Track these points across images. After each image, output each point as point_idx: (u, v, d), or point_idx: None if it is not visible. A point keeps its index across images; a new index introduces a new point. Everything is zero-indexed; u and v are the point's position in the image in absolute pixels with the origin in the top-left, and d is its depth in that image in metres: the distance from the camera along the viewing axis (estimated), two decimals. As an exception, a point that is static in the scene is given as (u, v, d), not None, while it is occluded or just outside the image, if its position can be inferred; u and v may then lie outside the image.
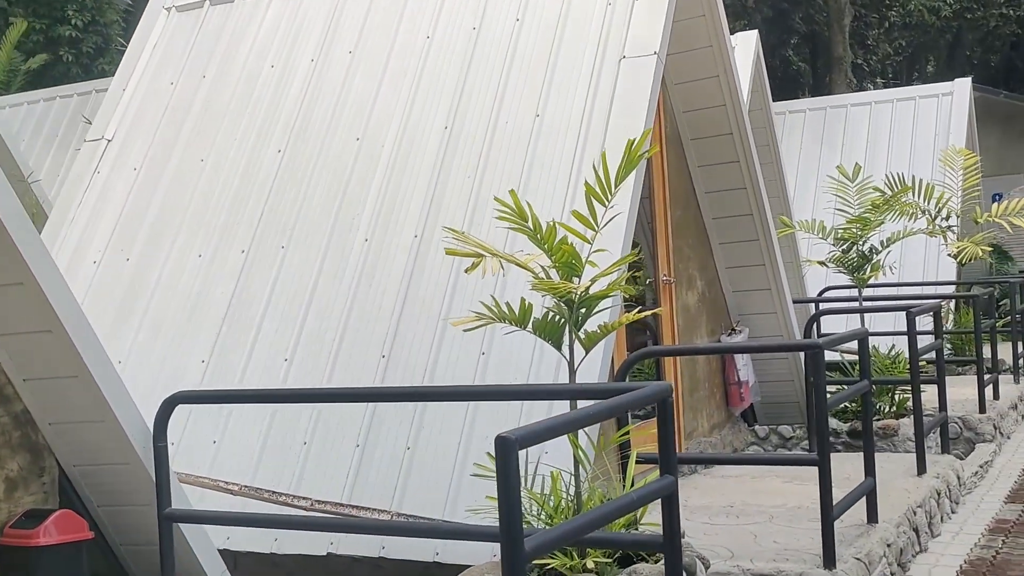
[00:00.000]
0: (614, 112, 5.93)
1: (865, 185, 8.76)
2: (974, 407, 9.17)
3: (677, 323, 7.29)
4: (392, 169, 6.39)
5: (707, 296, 7.84)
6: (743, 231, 7.83)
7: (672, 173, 7.38)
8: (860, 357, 5.61)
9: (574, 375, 4.21)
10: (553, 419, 2.59)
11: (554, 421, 2.56)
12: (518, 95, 6.32)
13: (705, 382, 7.71)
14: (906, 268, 14.08)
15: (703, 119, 7.50)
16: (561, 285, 3.99)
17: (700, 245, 7.80)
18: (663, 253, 7.17)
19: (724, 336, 7.99)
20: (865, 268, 8.59)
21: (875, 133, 15.25)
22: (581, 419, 2.66)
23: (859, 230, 8.57)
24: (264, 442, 5.68)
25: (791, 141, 15.69)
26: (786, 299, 7.96)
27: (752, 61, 11.15)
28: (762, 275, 7.95)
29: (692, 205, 7.71)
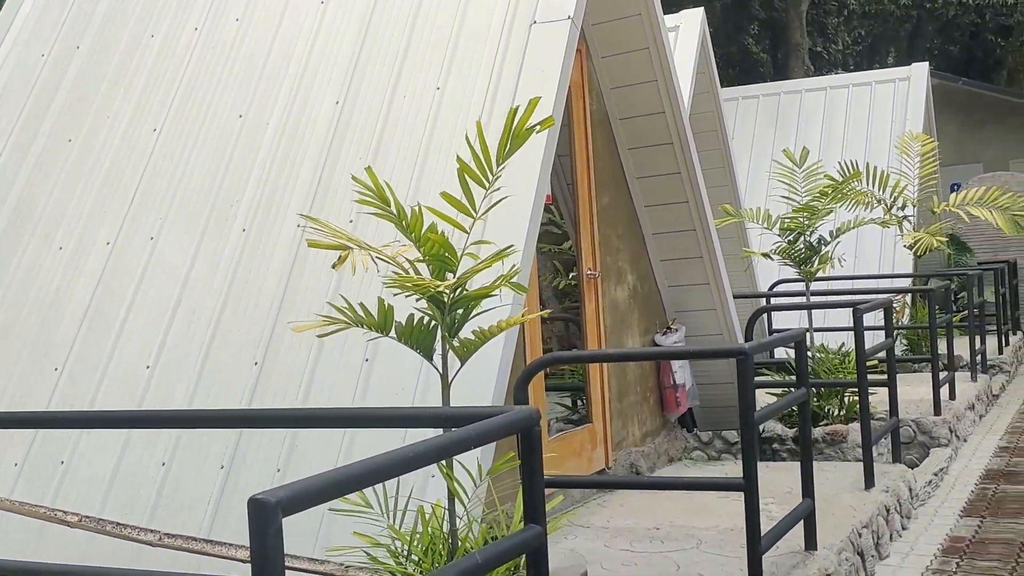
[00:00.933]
0: (522, 83, 5.22)
1: (813, 171, 8.14)
2: (929, 408, 8.59)
3: (604, 322, 6.61)
4: (276, 150, 5.65)
5: (640, 291, 7.17)
6: (678, 220, 7.16)
7: (599, 156, 6.70)
8: (796, 362, 4.96)
9: (447, 390, 3.51)
10: (345, 470, 1.89)
11: (346, 472, 1.87)
12: (419, 65, 5.61)
13: (636, 386, 7.03)
14: (862, 260, 13.52)
15: (633, 97, 6.81)
16: (423, 282, 3.29)
17: (631, 236, 7.12)
18: (587, 245, 6.48)
19: (659, 335, 7.33)
20: (813, 260, 7.96)
21: (830, 119, 14.65)
22: (385, 468, 1.96)
23: (806, 219, 7.93)
24: (118, 463, 4.94)
25: (744, 127, 15.09)
26: (726, 294, 7.31)
27: (697, 41, 10.50)
28: (700, 268, 7.29)
29: (622, 192, 7.03)
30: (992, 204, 11.48)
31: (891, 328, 6.91)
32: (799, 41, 22.10)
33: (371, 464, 1.92)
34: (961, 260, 15.39)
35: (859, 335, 6.09)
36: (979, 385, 10.41)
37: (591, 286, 6.50)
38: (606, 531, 5.57)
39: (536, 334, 5.77)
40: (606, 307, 6.67)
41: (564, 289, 7.24)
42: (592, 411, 6.47)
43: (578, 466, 6.22)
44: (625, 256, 7.00)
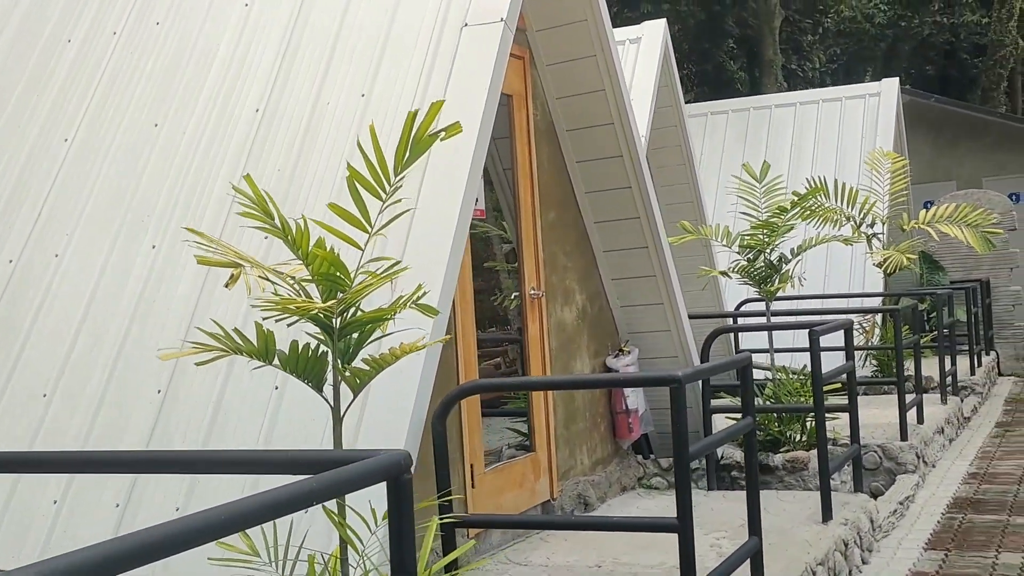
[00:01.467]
0: (452, 89, 4.88)
1: (774, 186, 7.82)
2: (897, 433, 8.26)
3: (549, 344, 6.25)
4: (191, 162, 5.28)
5: (589, 312, 6.82)
6: (630, 237, 6.82)
7: (544, 169, 6.35)
8: (742, 390, 4.61)
9: (339, 426, 3.14)
10: (102, 548, 1.51)
11: (104, 550, 1.49)
12: (344, 71, 5.25)
13: (585, 412, 6.67)
14: (832, 278, 13.23)
15: (580, 107, 6.48)
16: (297, 303, 2.92)
17: (581, 253, 6.77)
18: (530, 263, 6.13)
19: (610, 358, 6.97)
20: (773, 279, 7.63)
21: (800, 135, 14.40)
22: (162, 544, 1.58)
23: (766, 237, 7.61)
24: (7, 501, 4.54)
25: (713, 143, 14.81)
26: (680, 315, 6.96)
27: (660, 53, 10.19)
28: (653, 288, 6.95)
29: (570, 207, 6.68)
30: (962, 221, 11.21)
31: (851, 350, 6.58)
32: (772, 58, 21.89)
33: (143, 538, 1.54)
34: (933, 279, 15.11)
35: (815, 357, 5.75)
36: (949, 408, 10.11)
37: (534, 307, 6.14)
38: (545, 569, 5.20)
39: (471, 359, 5.40)
40: (551, 329, 6.31)
41: (519, 309, 6.89)
42: (535, 439, 6.10)
43: (519, 498, 5.84)
44: (573, 275, 6.65)
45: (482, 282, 7.71)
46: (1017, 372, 15.13)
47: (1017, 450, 9.38)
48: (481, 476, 5.44)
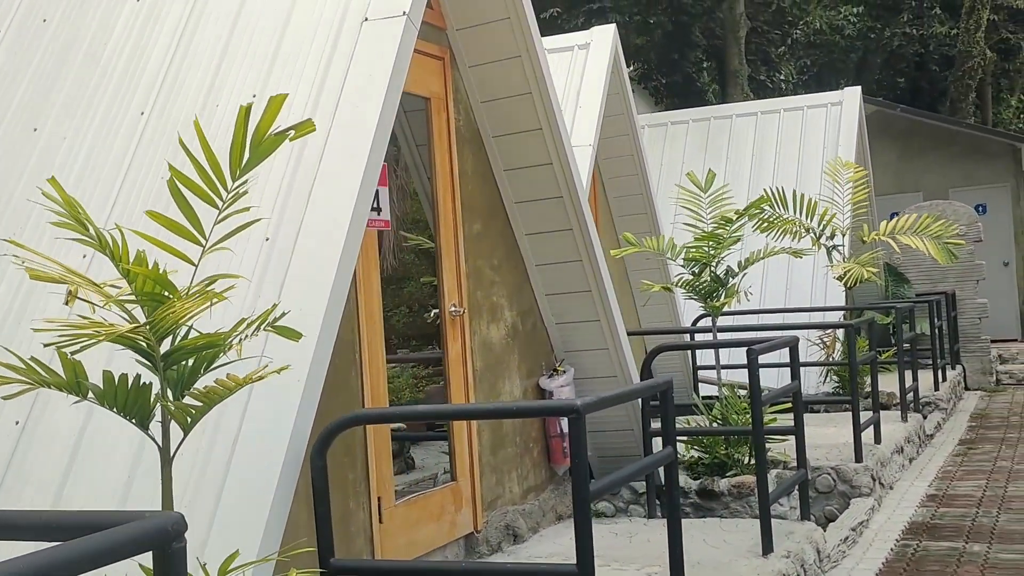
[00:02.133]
0: (348, 88, 4.46)
1: (720, 196, 7.44)
2: (852, 453, 7.88)
3: (473, 365, 5.83)
4: (71, 168, 4.84)
5: (521, 330, 6.41)
6: (562, 250, 6.41)
7: (468, 178, 5.95)
8: (662, 417, 4.21)
9: (168, 468, 2.71)
10: None
11: None
12: (237, 70, 4.83)
13: (516, 436, 6.25)
14: (793, 292, 12.88)
15: (506, 111, 6.08)
16: (98, 327, 2.49)
17: (511, 267, 6.37)
18: (450, 278, 5.72)
19: (544, 378, 6.56)
20: (718, 294, 7.24)
21: (761, 145, 14.05)
22: None
23: (712, 249, 7.22)
24: None
25: (673, 153, 14.44)
26: (617, 332, 6.56)
27: (608, 59, 9.80)
28: (588, 303, 6.54)
29: (499, 217, 6.28)
30: (924, 233, 10.90)
31: (797, 368, 6.20)
32: (737, 68, 21.60)
33: None
34: (898, 292, 14.80)
35: (753, 377, 5.36)
36: (910, 425, 9.74)
37: (455, 325, 5.72)
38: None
39: (379, 383, 4.97)
40: (476, 348, 5.90)
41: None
42: (456, 467, 5.68)
43: (437, 532, 5.41)
44: (502, 290, 6.24)
45: (421, 298, 7.31)
46: (984, 386, 14.82)
47: (978, 469, 9.02)
48: (391, 510, 5.01)
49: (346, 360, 4.74)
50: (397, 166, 6.37)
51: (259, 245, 4.17)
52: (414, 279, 7.78)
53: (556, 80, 10.05)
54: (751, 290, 7.82)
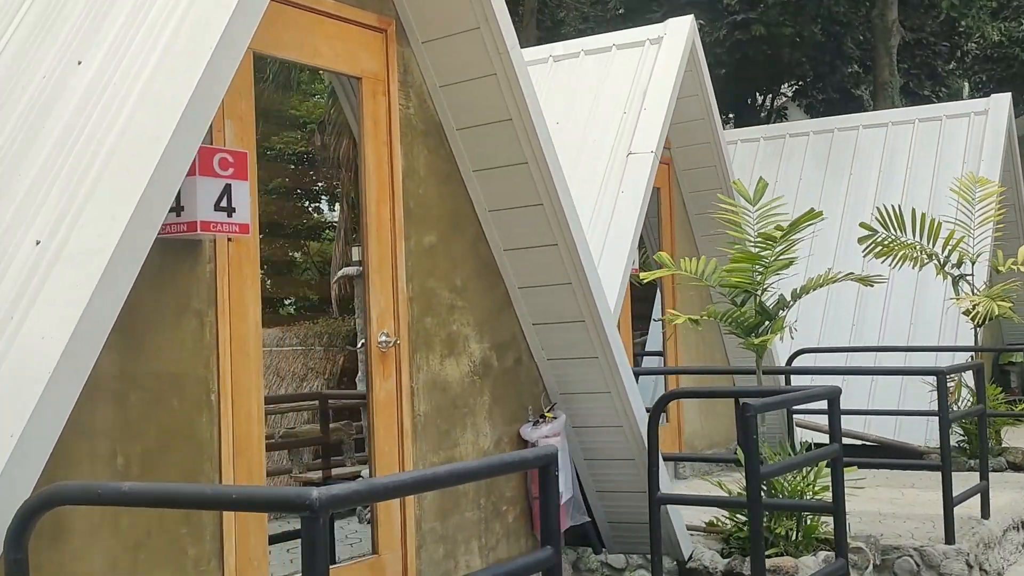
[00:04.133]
0: (168, 49, 3.45)
1: (771, 211, 6.08)
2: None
3: (414, 409, 4.72)
4: None
5: (496, 366, 5.25)
6: (548, 270, 5.24)
7: (420, 179, 4.86)
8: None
9: None
10: None
11: None
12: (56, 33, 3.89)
13: (480, 498, 5.09)
14: (919, 328, 11.19)
15: (469, 97, 4.96)
16: None
17: (483, 289, 5.22)
18: (382, 300, 4.62)
19: (527, 426, 5.38)
20: (764, 328, 5.88)
21: (890, 160, 12.39)
22: None
23: (758, 274, 5.87)
24: None
25: (789, 169, 12.92)
26: (619, 371, 5.33)
27: (682, 55, 8.53)
28: (583, 335, 5.34)
29: (466, 229, 5.15)
30: (1072, 262, 9.21)
31: (837, 426, 4.80)
32: (888, 79, 19.71)
33: None
34: (1043, 330, 12.81)
35: (749, 439, 4.05)
36: (1039, 494, 8.03)
37: (387, 359, 4.62)
38: None
39: (249, 432, 3.92)
40: (420, 388, 4.78)
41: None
42: (379, 535, 4.57)
43: (340, 619, 4.32)
44: (467, 317, 5.10)
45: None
46: None
47: (1122, 556, 7.27)
48: (260, 595, 3.95)
49: (192, 401, 3.72)
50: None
51: (30, 249, 3.20)
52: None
53: (621, 79, 8.90)
54: (796, 326, 6.36)
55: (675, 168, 9.42)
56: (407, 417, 4.65)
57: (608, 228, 7.92)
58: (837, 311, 11.52)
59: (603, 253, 7.82)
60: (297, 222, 12.73)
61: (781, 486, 5.77)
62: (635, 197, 7.98)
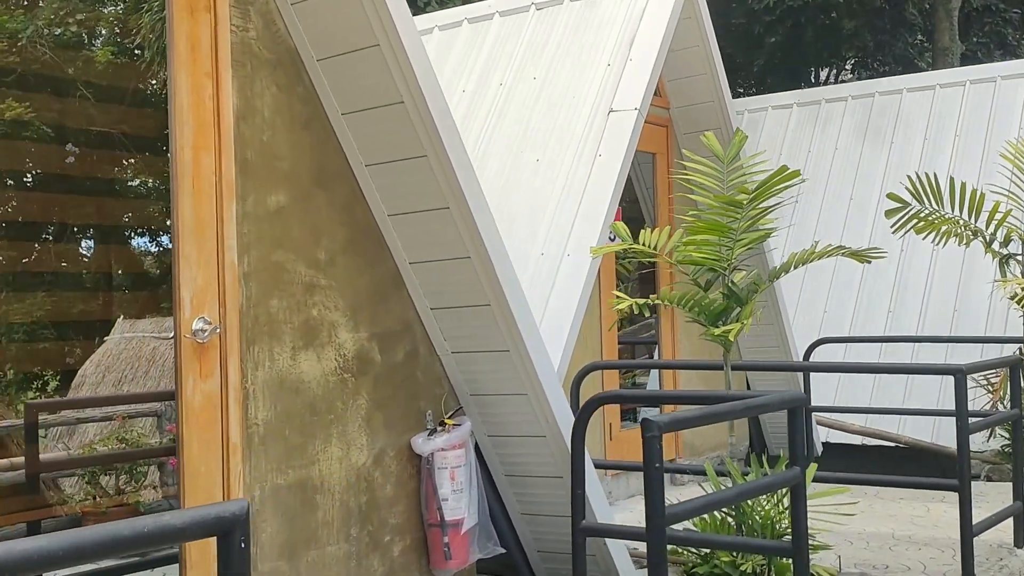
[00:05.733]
0: None
1: (749, 171, 4.91)
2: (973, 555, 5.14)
3: (250, 418, 3.69)
4: None
5: (379, 361, 4.19)
6: (442, 240, 4.16)
7: (263, 121, 3.80)
8: None
9: None
10: None
11: None
12: None
13: (350, 528, 4.04)
14: (963, 317, 9.89)
15: (327, 18, 3.88)
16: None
17: (360, 265, 4.16)
18: (197, 277, 3.58)
19: (421, 436, 4.32)
20: (730, 316, 4.72)
21: (937, 126, 11.04)
22: None
23: (726, 247, 4.72)
24: None
25: (825, 139, 11.64)
26: (534, 368, 4.24)
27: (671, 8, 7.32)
28: (489, 323, 4.26)
29: (336, 187, 4.08)
30: None
31: (800, 439, 3.66)
32: (948, 45, 18.18)
33: None
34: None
35: (650, 462, 2.94)
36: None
37: (204, 354, 3.58)
38: None
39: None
40: (261, 390, 3.74)
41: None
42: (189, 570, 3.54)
43: None
44: (335, 299, 4.04)
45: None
46: None
47: None
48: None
49: None
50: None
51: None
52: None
53: (608, 26, 7.75)
54: (761, 310, 5.14)
55: (675, 131, 8.26)
56: (235, 427, 3.62)
57: (582, 197, 6.82)
58: (871, 297, 10.26)
59: (574, 225, 6.74)
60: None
61: (751, 512, 4.64)
62: (614, 161, 6.86)
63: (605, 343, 7.25)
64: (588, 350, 7.01)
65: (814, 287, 10.42)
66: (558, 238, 6.70)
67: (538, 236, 6.80)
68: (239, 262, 3.67)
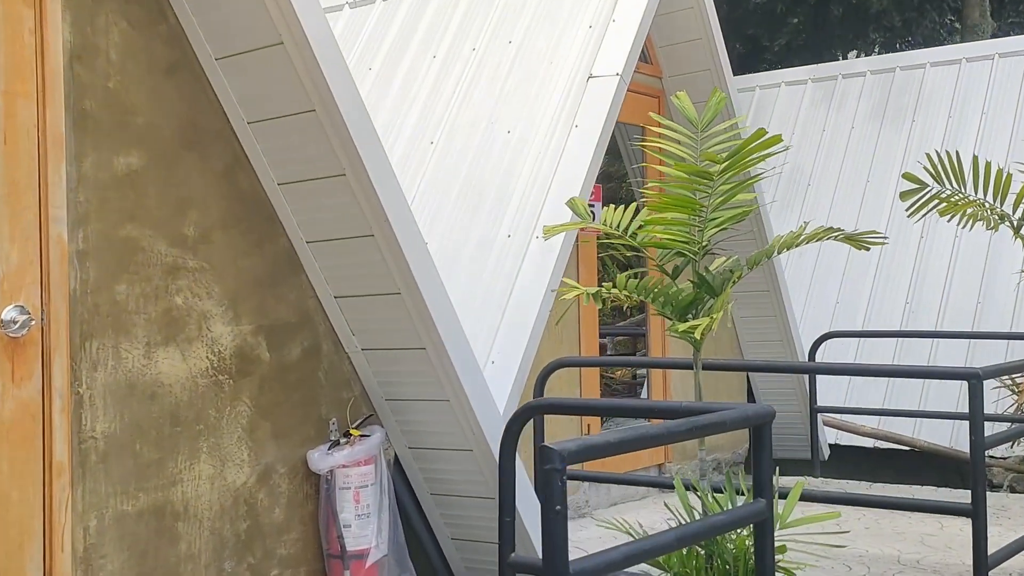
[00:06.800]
0: None
1: (727, 140, 4.14)
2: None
3: (84, 431, 2.99)
4: None
5: (268, 360, 3.48)
6: (342, 216, 3.44)
7: (111, 63, 3.10)
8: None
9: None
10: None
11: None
12: None
13: (223, 559, 3.34)
14: (987, 309, 9.06)
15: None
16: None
17: (244, 244, 3.45)
18: (12, 254, 2.88)
19: (319, 450, 3.61)
20: (701, 307, 3.98)
21: (962, 103, 10.18)
22: None
23: (697, 227, 3.97)
24: None
25: (840, 118, 10.79)
26: (454, 371, 3.52)
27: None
28: (402, 315, 3.54)
29: (211, 148, 3.36)
30: None
31: (766, 475, 2.92)
32: (978, 22, 17.22)
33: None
34: None
35: (549, 502, 2.22)
36: None
37: (21, 352, 2.88)
38: None
39: None
40: (101, 396, 3.04)
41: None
42: (-2, 634, 2.85)
43: None
44: (210, 285, 3.33)
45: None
46: None
47: None
48: None
49: None
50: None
51: None
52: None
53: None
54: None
55: (668, 103, 7.50)
56: (60, 442, 2.92)
57: (554, 173, 6.09)
58: (887, 288, 9.44)
59: (544, 204, 6.01)
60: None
61: (723, 541, 3.89)
62: (591, 132, 6.13)
63: (584, 337, 6.52)
64: (564, 345, 6.29)
65: (825, 276, 9.62)
66: (527, 219, 5.97)
67: (505, 217, 6.08)
68: (70, 237, 2.96)
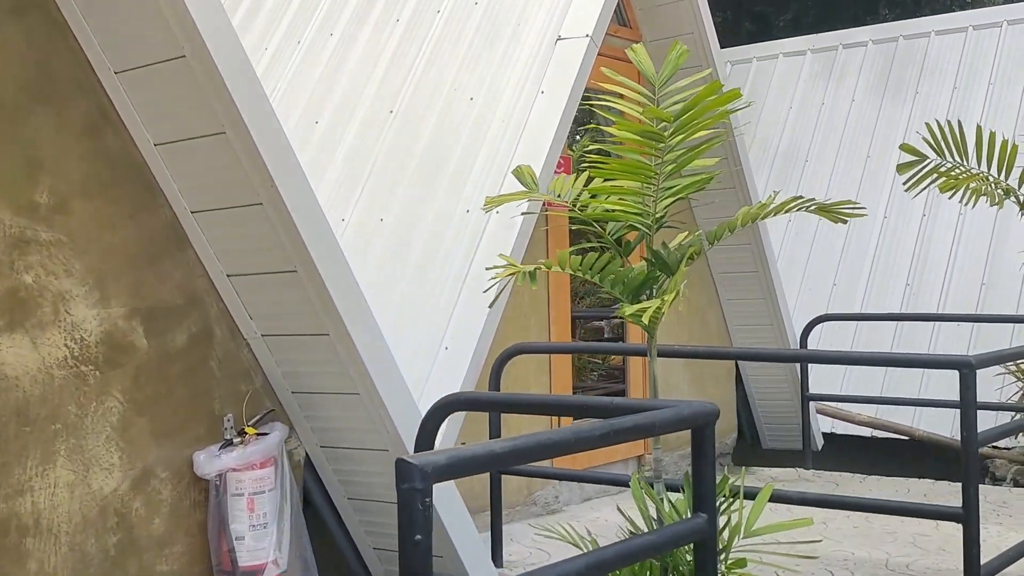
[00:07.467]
0: None
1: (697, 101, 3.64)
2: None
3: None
4: None
5: (145, 348, 3.03)
6: (228, 182, 2.98)
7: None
8: None
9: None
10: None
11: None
12: None
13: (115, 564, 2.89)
14: (992, 291, 8.54)
15: None
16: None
17: (114, 214, 2.99)
18: None
19: (208, 452, 3.15)
20: (656, 287, 3.50)
21: (969, 74, 9.63)
22: None
23: (650, 197, 3.49)
24: None
25: (840, 92, 10.24)
26: (361, 360, 3.06)
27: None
28: (300, 298, 3.07)
29: (71, 103, 2.90)
30: None
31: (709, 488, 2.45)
32: (988, -6, 16.60)
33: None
34: None
35: (408, 529, 1.76)
36: None
37: None
38: None
39: None
40: (-74, 389, 2.58)
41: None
42: None
43: None
44: (69, 260, 2.87)
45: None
46: None
47: None
48: None
49: None
50: None
51: None
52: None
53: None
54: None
55: (644, 68, 6.99)
56: None
57: (517, 143, 5.62)
58: (887, 268, 8.93)
59: (506, 176, 5.54)
60: None
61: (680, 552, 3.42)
62: (558, 98, 5.65)
63: (555, 321, 6.04)
64: (531, 329, 5.83)
65: (822, 256, 9.12)
66: (487, 193, 5.50)
67: (464, 190, 5.62)
68: None
